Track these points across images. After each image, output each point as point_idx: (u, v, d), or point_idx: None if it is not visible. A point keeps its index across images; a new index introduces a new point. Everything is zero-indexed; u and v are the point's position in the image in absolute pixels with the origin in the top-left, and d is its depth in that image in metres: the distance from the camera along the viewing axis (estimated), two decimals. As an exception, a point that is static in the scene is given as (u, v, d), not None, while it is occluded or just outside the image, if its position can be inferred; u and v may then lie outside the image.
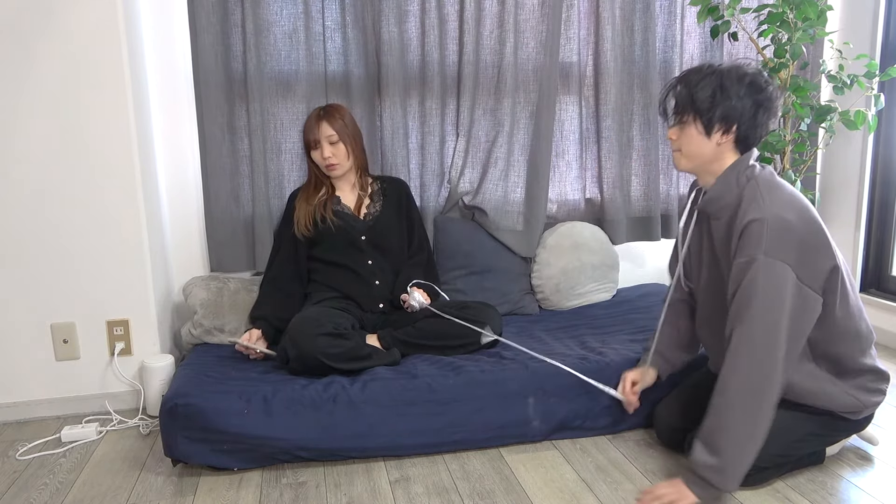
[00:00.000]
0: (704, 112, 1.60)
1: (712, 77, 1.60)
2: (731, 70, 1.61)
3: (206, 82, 2.43)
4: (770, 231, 1.50)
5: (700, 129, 1.62)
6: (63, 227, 2.17)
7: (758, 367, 1.51)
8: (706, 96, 1.59)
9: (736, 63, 1.64)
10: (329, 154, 2.26)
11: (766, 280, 1.49)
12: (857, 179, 2.93)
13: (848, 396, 1.67)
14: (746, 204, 1.57)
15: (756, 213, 1.53)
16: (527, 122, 2.72)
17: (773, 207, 1.53)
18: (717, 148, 1.64)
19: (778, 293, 1.50)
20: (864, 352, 1.68)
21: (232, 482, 1.82)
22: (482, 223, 2.72)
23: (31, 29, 2.06)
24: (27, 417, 2.26)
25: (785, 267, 1.50)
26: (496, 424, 1.94)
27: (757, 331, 1.50)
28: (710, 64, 1.65)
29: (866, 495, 1.69)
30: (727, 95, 1.58)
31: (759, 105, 1.60)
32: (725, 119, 1.60)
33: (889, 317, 2.80)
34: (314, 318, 2.03)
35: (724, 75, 1.60)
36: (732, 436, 1.52)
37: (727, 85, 1.58)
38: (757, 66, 1.68)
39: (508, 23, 2.62)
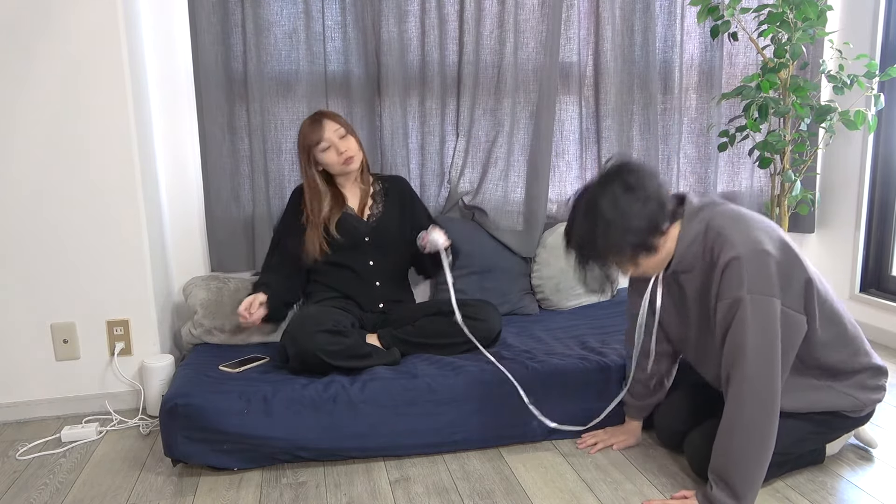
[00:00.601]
0: (641, 249, 1.55)
1: (609, 230, 1.51)
2: (604, 206, 1.51)
3: (207, 82, 2.43)
4: (749, 267, 1.48)
5: (650, 254, 1.57)
6: (63, 227, 2.17)
7: (760, 407, 1.50)
8: (628, 247, 1.53)
9: (593, 192, 1.54)
10: (344, 148, 2.24)
11: (755, 319, 1.48)
12: (857, 179, 2.93)
13: (847, 397, 1.67)
14: (718, 247, 1.53)
15: (730, 253, 1.49)
16: (527, 122, 2.73)
17: (745, 242, 1.50)
18: (666, 243, 1.58)
19: (768, 329, 1.48)
20: (856, 352, 1.67)
21: (232, 482, 1.82)
22: (482, 223, 2.72)
23: (31, 29, 2.06)
24: (27, 417, 2.26)
25: (770, 300, 1.48)
26: (496, 424, 1.94)
27: (754, 372, 1.49)
28: (583, 217, 1.54)
29: (866, 495, 1.69)
30: (626, 220, 1.51)
31: (649, 198, 1.51)
32: (653, 233, 1.54)
33: (889, 317, 2.80)
34: (313, 316, 2.03)
35: (609, 217, 1.51)
36: (745, 472, 1.52)
37: (615, 218, 1.50)
38: (614, 167, 1.56)
39: (508, 23, 2.62)
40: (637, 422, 1.97)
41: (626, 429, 1.97)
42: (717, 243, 1.53)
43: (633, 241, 1.53)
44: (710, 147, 2.92)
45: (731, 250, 1.50)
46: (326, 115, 2.23)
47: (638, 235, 1.52)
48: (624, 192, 1.51)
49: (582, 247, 1.58)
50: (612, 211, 1.51)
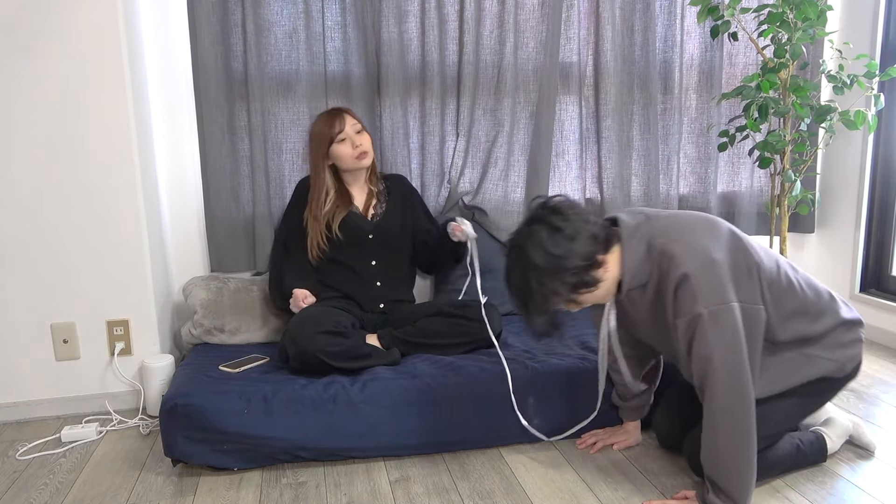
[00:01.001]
0: (580, 287, 1.53)
1: (541, 276, 1.50)
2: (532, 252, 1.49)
3: (207, 82, 2.43)
4: (700, 282, 1.47)
5: (592, 290, 1.55)
6: (63, 227, 2.17)
7: (737, 413, 1.50)
8: (565, 289, 1.51)
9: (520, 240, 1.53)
10: (360, 142, 2.24)
11: (716, 331, 1.47)
12: (857, 179, 2.93)
13: (825, 362, 1.64)
14: (665, 265, 1.51)
15: (679, 271, 1.48)
16: (527, 122, 2.73)
17: (691, 256, 1.49)
18: (608, 272, 1.56)
19: (731, 337, 1.48)
20: (820, 315, 1.64)
21: (232, 482, 1.82)
22: (482, 223, 2.72)
23: (31, 29, 2.06)
24: (27, 417, 2.26)
25: (728, 307, 1.47)
26: (496, 424, 1.94)
27: (725, 380, 1.49)
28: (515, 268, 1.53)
29: (866, 495, 1.69)
30: (558, 263, 1.49)
31: (577, 234, 1.50)
32: (590, 269, 1.52)
33: (889, 317, 2.80)
34: (314, 317, 2.03)
35: (539, 263, 1.49)
36: (736, 476, 1.52)
37: (546, 263, 1.49)
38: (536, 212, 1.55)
39: (508, 23, 2.62)
40: (634, 424, 1.97)
41: (625, 428, 1.97)
42: (664, 262, 1.52)
43: (571, 281, 1.51)
44: (710, 147, 2.92)
45: (678, 268, 1.48)
46: (345, 110, 2.26)
47: (574, 275, 1.51)
48: (550, 235, 1.49)
49: (522, 298, 1.55)
50: (542, 257, 1.49)
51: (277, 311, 2.40)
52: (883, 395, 2.30)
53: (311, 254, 2.26)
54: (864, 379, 2.44)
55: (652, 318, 1.63)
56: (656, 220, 1.58)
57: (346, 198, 2.30)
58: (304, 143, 2.57)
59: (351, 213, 2.28)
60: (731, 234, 1.56)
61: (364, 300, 2.29)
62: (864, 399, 2.27)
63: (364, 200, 2.34)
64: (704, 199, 2.94)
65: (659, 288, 1.56)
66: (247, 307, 2.38)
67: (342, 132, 2.21)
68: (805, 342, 1.64)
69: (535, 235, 1.51)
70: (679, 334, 1.53)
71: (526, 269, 1.51)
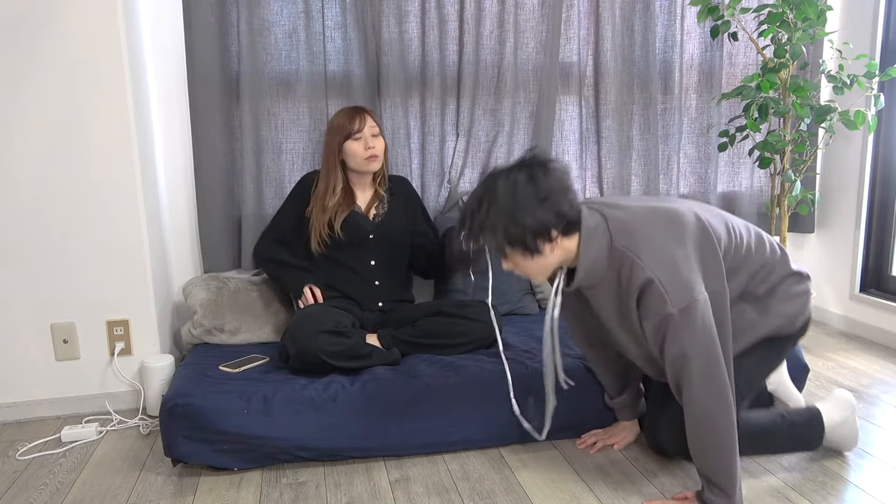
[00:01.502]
0: (517, 243, 1.49)
1: (492, 209, 1.48)
2: (500, 186, 1.48)
3: (205, 82, 2.43)
4: (665, 284, 1.46)
5: (526, 254, 1.52)
6: (63, 227, 2.17)
7: (716, 404, 1.50)
8: (502, 234, 1.48)
9: (499, 171, 1.52)
10: (373, 144, 2.24)
11: (687, 328, 1.47)
12: (857, 179, 2.93)
13: (776, 317, 1.67)
14: (627, 269, 1.51)
15: (642, 275, 1.47)
16: (527, 122, 2.73)
17: (653, 257, 1.48)
18: (554, 252, 1.53)
19: (702, 330, 1.48)
20: (767, 272, 1.67)
21: (232, 482, 1.82)
22: (482, 223, 2.72)
23: (31, 29, 2.06)
24: (27, 417, 2.26)
25: (695, 303, 1.47)
26: (496, 424, 1.94)
27: (700, 374, 1.48)
28: (479, 191, 1.52)
29: (866, 495, 1.69)
30: (514, 210, 1.46)
31: (548, 198, 1.47)
32: (538, 235, 1.49)
33: (889, 317, 2.80)
34: (314, 316, 2.03)
35: (499, 198, 1.48)
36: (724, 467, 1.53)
37: (505, 203, 1.47)
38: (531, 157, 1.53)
39: (508, 23, 2.62)
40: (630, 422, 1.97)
41: (623, 426, 1.97)
42: (626, 265, 1.51)
43: (514, 233, 1.48)
44: (710, 147, 2.92)
45: (641, 272, 1.48)
46: (367, 111, 2.27)
47: (520, 229, 1.48)
48: (526, 183, 1.48)
49: (464, 218, 1.54)
50: (505, 196, 1.48)
51: (277, 310, 2.40)
52: (883, 395, 2.30)
53: (313, 244, 2.26)
54: (864, 379, 2.44)
55: (613, 315, 1.62)
56: (615, 223, 1.55)
57: (349, 197, 2.30)
58: (304, 142, 2.57)
59: (353, 213, 2.28)
60: (694, 221, 1.55)
61: (363, 299, 2.29)
62: (864, 399, 2.27)
63: (367, 201, 2.34)
64: (704, 199, 2.94)
65: (619, 291, 1.55)
66: (247, 307, 2.38)
67: (360, 131, 2.22)
68: (757, 298, 1.67)
69: (513, 177, 1.49)
70: (648, 335, 1.53)
71: (484, 195, 1.50)
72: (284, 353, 2.04)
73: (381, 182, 2.38)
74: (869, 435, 2.01)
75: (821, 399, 2.03)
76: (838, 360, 2.64)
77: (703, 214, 1.59)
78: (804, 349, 2.63)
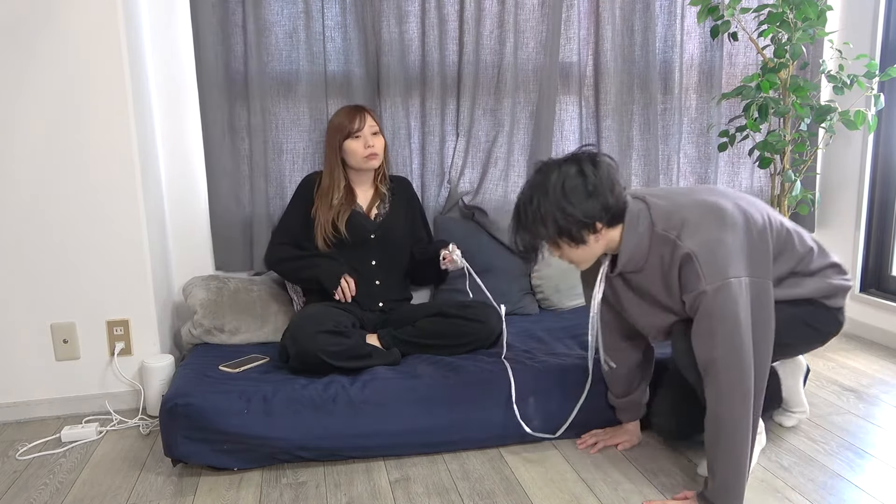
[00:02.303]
0: (564, 234, 1.55)
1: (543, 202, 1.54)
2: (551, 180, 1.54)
3: (207, 82, 2.43)
4: (702, 261, 1.50)
5: (572, 244, 1.58)
6: (63, 227, 2.17)
7: (737, 396, 1.51)
8: (552, 226, 1.54)
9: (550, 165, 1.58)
10: (372, 143, 2.25)
11: (717, 308, 1.49)
12: (857, 179, 2.93)
13: (815, 288, 1.69)
14: (668, 250, 1.56)
15: (680, 251, 1.53)
16: (527, 122, 2.73)
17: (690, 236, 1.53)
18: (599, 242, 1.59)
19: (733, 313, 1.49)
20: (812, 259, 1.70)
21: (232, 482, 1.82)
22: (482, 223, 2.72)
23: (31, 29, 2.06)
24: (27, 417, 2.26)
25: (729, 282, 1.49)
26: (496, 424, 1.94)
27: (726, 362, 1.50)
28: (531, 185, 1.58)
29: (866, 495, 1.69)
30: (563, 202, 1.52)
31: (595, 192, 1.53)
32: (584, 227, 1.54)
33: (889, 317, 2.80)
34: (315, 316, 2.03)
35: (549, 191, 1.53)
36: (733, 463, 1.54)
37: (555, 196, 1.53)
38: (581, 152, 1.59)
39: (508, 23, 2.62)
40: (633, 423, 1.97)
41: (625, 429, 1.97)
42: (667, 247, 1.57)
43: (562, 225, 1.54)
44: (710, 147, 2.92)
45: (680, 250, 1.53)
46: (367, 110, 2.29)
47: (567, 222, 1.54)
48: (575, 176, 1.54)
49: (518, 209, 1.61)
50: (555, 188, 1.54)
51: (277, 310, 2.40)
52: (883, 395, 2.30)
53: (319, 243, 2.26)
54: (864, 379, 2.44)
55: (661, 296, 1.65)
56: (656, 208, 1.60)
57: (350, 197, 2.30)
58: (304, 142, 2.57)
59: (354, 213, 2.29)
60: (738, 214, 1.57)
61: (363, 299, 2.29)
62: (864, 399, 2.27)
63: (369, 200, 2.35)
64: (704, 199, 2.94)
65: (663, 271, 1.60)
66: (247, 307, 2.38)
67: (360, 130, 2.24)
68: (798, 276, 1.70)
69: (564, 170, 1.55)
70: (687, 308, 1.57)
71: (536, 189, 1.56)
72: (284, 353, 2.04)
73: (382, 181, 2.38)
74: (869, 435, 2.01)
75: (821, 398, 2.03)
76: (838, 360, 2.64)
77: (747, 207, 1.61)
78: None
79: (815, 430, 2.04)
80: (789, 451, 1.92)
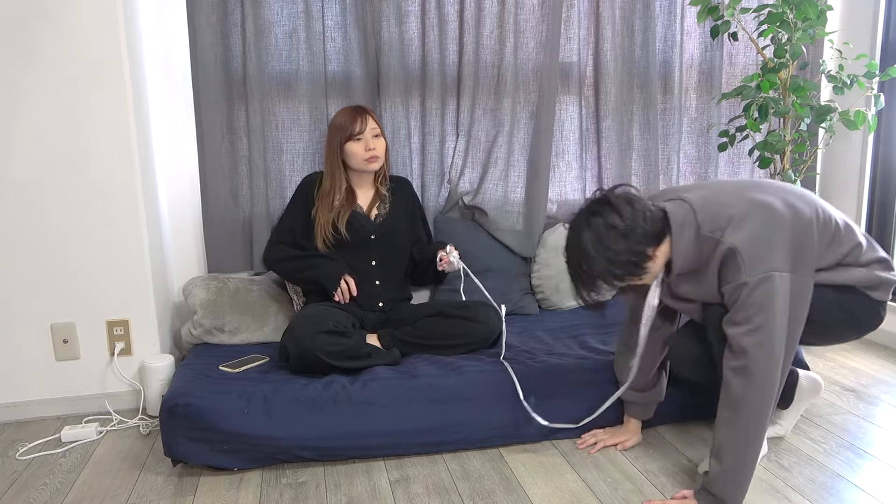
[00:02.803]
0: (625, 277, 1.58)
1: (592, 266, 1.56)
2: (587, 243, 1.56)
3: (206, 81, 2.43)
4: (744, 254, 1.52)
5: (637, 278, 1.61)
6: (63, 228, 2.17)
7: (767, 387, 1.53)
8: (611, 278, 1.57)
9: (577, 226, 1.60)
10: (373, 145, 2.26)
11: (756, 300, 1.51)
12: (857, 179, 2.93)
13: (858, 277, 1.68)
14: (712, 247, 1.58)
15: (722, 247, 1.55)
16: (527, 122, 2.73)
17: (733, 232, 1.55)
18: (657, 260, 1.61)
19: (772, 306, 1.51)
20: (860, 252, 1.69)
21: (232, 482, 1.82)
22: (482, 223, 2.72)
23: (31, 29, 2.06)
24: (27, 417, 2.26)
25: (770, 276, 1.51)
26: (496, 424, 1.94)
27: (759, 353, 1.52)
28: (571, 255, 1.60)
29: (866, 495, 1.69)
30: (610, 256, 1.55)
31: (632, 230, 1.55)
32: (638, 261, 1.57)
33: (889, 316, 2.80)
34: (315, 316, 2.03)
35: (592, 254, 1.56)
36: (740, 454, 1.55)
37: (599, 255, 1.55)
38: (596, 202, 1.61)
39: (508, 23, 2.62)
40: (637, 421, 1.97)
41: (627, 429, 1.97)
42: (712, 245, 1.58)
43: (618, 272, 1.57)
44: (710, 147, 2.92)
45: (723, 245, 1.55)
46: (369, 111, 2.29)
47: (623, 268, 1.57)
48: (606, 228, 1.56)
49: (573, 278, 1.64)
50: (596, 248, 1.56)
51: (277, 310, 2.40)
52: (883, 395, 2.30)
53: (319, 244, 2.26)
54: (864, 379, 2.44)
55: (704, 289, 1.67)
56: (701, 211, 1.62)
57: (351, 197, 2.31)
58: (304, 142, 2.57)
59: (354, 214, 2.29)
60: (784, 209, 1.58)
61: (363, 299, 2.29)
62: (864, 399, 2.27)
63: (369, 201, 2.35)
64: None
65: (709, 269, 1.61)
66: (247, 307, 2.38)
67: (361, 133, 2.24)
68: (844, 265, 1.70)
69: (594, 226, 1.57)
70: (725, 299, 1.59)
71: (579, 254, 1.59)
72: (284, 353, 2.04)
73: (383, 182, 2.38)
74: (869, 435, 2.01)
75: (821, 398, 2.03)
76: (838, 360, 2.64)
77: (794, 201, 1.62)
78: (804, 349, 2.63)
79: (815, 430, 2.04)
80: (789, 451, 1.92)
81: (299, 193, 2.35)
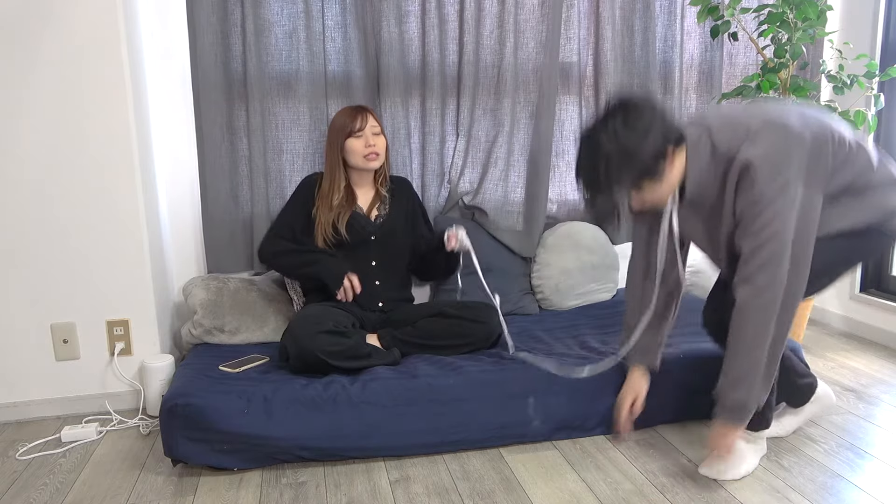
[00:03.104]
0: (644, 174, 1.56)
1: (610, 163, 1.54)
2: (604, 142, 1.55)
3: (205, 81, 2.43)
4: (759, 167, 1.52)
5: (654, 181, 1.59)
6: (63, 227, 2.17)
7: (775, 291, 1.55)
8: (628, 176, 1.55)
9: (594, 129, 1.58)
10: (373, 142, 2.26)
11: (772, 203, 1.52)
12: (857, 179, 2.92)
13: (873, 210, 1.66)
14: (727, 164, 1.57)
15: (738, 163, 1.54)
16: (527, 122, 2.73)
17: (749, 148, 1.54)
18: (673, 170, 1.60)
19: (783, 212, 1.52)
20: (873, 172, 1.66)
21: (232, 482, 1.82)
22: (482, 223, 2.72)
23: (31, 29, 2.06)
24: (27, 417, 2.26)
25: (784, 185, 1.52)
26: (496, 424, 1.94)
27: (769, 254, 1.53)
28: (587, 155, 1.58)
29: (866, 495, 1.69)
30: (627, 153, 1.53)
31: (650, 128, 1.54)
32: (657, 157, 1.55)
33: (889, 317, 2.80)
34: (315, 316, 2.03)
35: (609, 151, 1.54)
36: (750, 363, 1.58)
37: (616, 151, 1.53)
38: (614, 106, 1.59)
39: (508, 23, 2.62)
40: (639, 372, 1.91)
41: (631, 385, 1.91)
42: (727, 163, 1.58)
43: (638, 168, 1.55)
44: (710, 147, 2.92)
45: (739, 161, 1.55)
46: (369, 110, 2.29)
47: (641, 162, 1.54)
48: (624, 127, 1.54)
49: (588, 182, 1.61)
50: (613, 145, 1.54)
51: (277, 310, 2.40)
52: (883, 395, 2.30)
53: (319, 244, 2.26)
54: (864, 379, 2.44)
55: (715, 216, 1.66)
56: (717, 130, 1.61)
57: (351, 197, 2.30)
58: (304, 142, 2.57)
59: (354, 214, 2.29)
60: (799, 127, 1.57)
61: (363, 299, 2.29)
62: (864, 399, 2.27)
63: (369, 201, 2.35)
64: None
65: (726, 189, 1.60)
66: (247, 307, 2.38)
67: (361, 129, 2.24)
68: (857, 190, 1.67)
69: (610, 126, 1.56)
70: (738, 214, 1.58)
71: (596, 157, 1.56)
72: (284, 353, 2.04)
73: (383, 182, 2.38)
74: (869, 435, 2.01)
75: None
76: (838, 360, 2.64)
77: (809, 120, 1.61)
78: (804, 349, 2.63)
79: (815, 430, 2.04)
80: (789, 451, 1.92)
81: (300, 192, 2.35)
